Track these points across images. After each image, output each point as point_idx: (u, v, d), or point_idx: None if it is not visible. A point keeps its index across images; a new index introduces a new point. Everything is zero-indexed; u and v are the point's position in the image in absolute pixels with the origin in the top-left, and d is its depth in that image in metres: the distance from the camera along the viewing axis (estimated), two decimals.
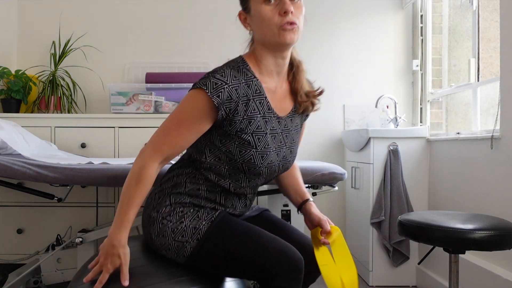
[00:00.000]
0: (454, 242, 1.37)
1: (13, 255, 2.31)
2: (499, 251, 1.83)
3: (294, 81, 1.36)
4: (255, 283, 1.86)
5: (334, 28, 3.20)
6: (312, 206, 1.44)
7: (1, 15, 2.96)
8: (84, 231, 1.99)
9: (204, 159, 1.28)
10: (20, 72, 2.82)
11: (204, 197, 1.30)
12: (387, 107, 3.01)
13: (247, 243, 1.20)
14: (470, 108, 2.61)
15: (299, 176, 1.53)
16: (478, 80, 2.45)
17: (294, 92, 1.37)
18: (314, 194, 1.91)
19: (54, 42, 3.04)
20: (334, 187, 1.88)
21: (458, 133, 2.46)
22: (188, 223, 1.24)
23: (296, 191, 1.49)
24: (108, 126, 2.63)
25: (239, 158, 1.25)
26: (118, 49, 3.14)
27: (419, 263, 2.56)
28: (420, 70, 3.11)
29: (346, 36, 3.20)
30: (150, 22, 3.16)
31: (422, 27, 3.10)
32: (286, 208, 2.17)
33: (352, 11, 3.21)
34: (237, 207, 1.37)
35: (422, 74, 3.10)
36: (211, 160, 1.27)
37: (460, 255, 2.10)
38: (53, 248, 2.08)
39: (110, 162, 1.91)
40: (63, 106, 2.89)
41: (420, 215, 1.56)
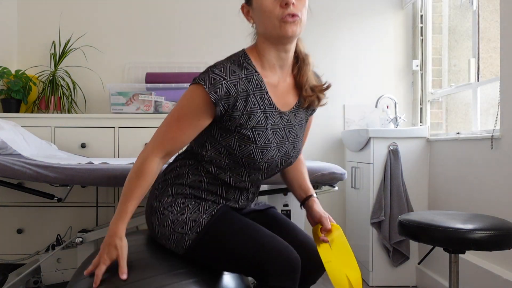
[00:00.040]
0: (454, 242, 1.37)
1: (13, 255, 2.31)
2: (499, 251, 1.83)
3: (299, 75, 1.33)
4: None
5: (334, 28, 3.20)
6: (315, 203, 1.42)
7: (1, 15, 2.96)
8: (84, 231, 1.99)
9: (205, 152, 1.28)
10: (20, 72, 2.82)
11: (205, 189, 1.30)
12: (387, 107, 3.01)
13: (244, 240, 1.19)
14: (470, 108, 2.61)
15: (305, 171, 1.51)
16: (478, 80, 2.45)
17: (299, 86, 1.33)
18: None
19: (54, 42, 3.04)
20: (334, 187, 1.88)
21: (458, 133, 2.46)
22: (188, 215, 1.25)
23: (300, 186, 1.47)
24: (108, 126, 2.63)
25: (239, 152, 1.24)
26: (118, 49, 3.14)
27: (419, 263, 2.56)
28: (420, 70, 3.11)
29: (346, 36, 3.20)
30: (150, 22, 3.16)
31: (422, 27, 3.10)
32: (286, 208, 2.17)
33: (352, 11, 3.21)
34: (239, 200, 1.36)
35: (422, 74, 3.10)
36: (211, 153, 1.27)
37: (460, 255, 2.10)
38: (53, 248, 2.08)
39: (110, 162, 1.91)
40: (63, 106, 2.89)
41: (420, 215, 1.56)
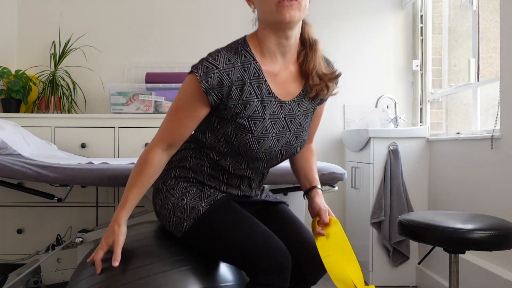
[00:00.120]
0: (454, 242, 1.37)
1: (13, 255, 2.31)
2: (499, 251, 1.83)
3: (305, 62, 1.27)
4: None
5: (334, 28, 3.20)
6: (318, 194, 1.39)
7: (1, 15, 2.96)
8: (84, 231, 1.99)
9: (205, 138, 1.29)
10: (20, 72, 2.82)
11: (207, 173, 1.31)
12: (387, 107, 3.01)
13: (237, 233, 1.19)
14: (470, 108, 2.61)
15: (313, 161, 1.47)
16: (478, 80, 2.45)
17: (305, 75, 1.27)
18: None
19: (54, 42, 3.04)
20: (334, 187, 1.88)
21: (458, 133, 2.46)
22: (188, 202, 1.26)
23: (306, 175, 1.44)
24: (108, 126, 2.63)
25: (235, 141, 1.24)
26: (118, 49, 3.14)
27: (419, 263, 2.56)
28: (420, 70, 3.11)
29: (346, 36, 3.20)
30: (150, 22, 3.16)
31: (422, 27, 3.10)
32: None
33: (352, 11, 3.21)
34: (240, 186, 1.35)
35: (422, 74, 3.10)
36: (211, 140, 1.28)
37: (460, 255, 2.10)
38: (53, 248, 2.08)
39: (110, 162, 1.91)
40: (63, 106, 2.89)
41: (420, 215, 1.56)
